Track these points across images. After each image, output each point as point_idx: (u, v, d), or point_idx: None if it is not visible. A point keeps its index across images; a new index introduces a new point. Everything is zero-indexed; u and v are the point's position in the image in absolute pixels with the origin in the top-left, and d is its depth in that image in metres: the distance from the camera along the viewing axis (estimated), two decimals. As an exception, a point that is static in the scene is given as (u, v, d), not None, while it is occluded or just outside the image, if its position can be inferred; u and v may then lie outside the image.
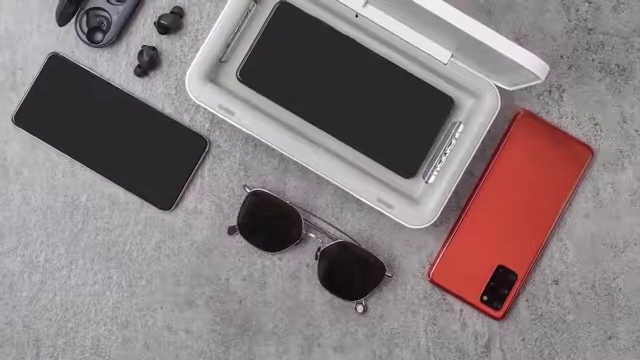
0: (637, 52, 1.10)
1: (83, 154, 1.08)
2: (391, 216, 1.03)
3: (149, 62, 1.08)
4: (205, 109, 1.05)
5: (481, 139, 1.03)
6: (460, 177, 1.03)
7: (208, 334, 1.09)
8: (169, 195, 1.08)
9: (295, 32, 1.04)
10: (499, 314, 1.08)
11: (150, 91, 1.09)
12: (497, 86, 1.03)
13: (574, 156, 1.08)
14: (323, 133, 1.05)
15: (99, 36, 1.09)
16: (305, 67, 1.04)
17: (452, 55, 1.03)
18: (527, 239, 1.07)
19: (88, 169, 1.08)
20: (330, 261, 1.07)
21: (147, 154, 1.08)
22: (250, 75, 1.04)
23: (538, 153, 1.07)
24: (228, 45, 1.04)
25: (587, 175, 1.09)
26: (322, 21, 1.04)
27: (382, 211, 1.03)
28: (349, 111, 1.04)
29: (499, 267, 1.08)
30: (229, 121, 1.02)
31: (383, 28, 1.03)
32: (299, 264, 1.09)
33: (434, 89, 1.05)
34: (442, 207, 1.03)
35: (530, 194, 1.07)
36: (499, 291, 1.08)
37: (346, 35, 1.05)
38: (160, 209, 1.09)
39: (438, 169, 1.04)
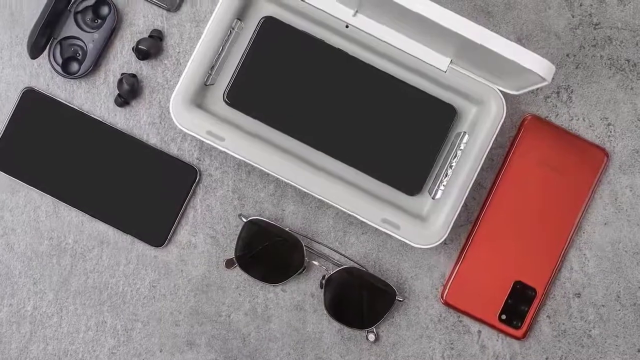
0: (647, 45, 1.11)
1: (66, 193, 1.07)
2: (398, 237, 1.02)
3: (129, 91, 1.06)
4: (192, 136, 1.06)
5: (488, 149, 1.02)
6: (468, 190, 1.02)
7: (212, 375, 1.09)
8: (161, 231, 1.07)
9: (284, 48, 1.03)
10: (519, 332, 1.07)
11: (133, 121, 1.08)
12: (501, 91, 1.03)
13: (588, 160, 1.07)
14: (320, 153, 1.04)
15: (74, 66, 1.08)
16: (296, 85, 1.03)
17: (451, 62, 1.03)
18: (544, 251, 1.07)
19: (73, 208, 1.07)
20: (336, 289, 1.06)
21: (135, 189, 1.07)
22: (238, 97, 1.04)
23: (549, 159, 1.07)
24: (213, 67, 1.03)
25: (603, 180, 1.08)
26: (311, 35, 1.04)
27: (388, 232, 1.02)
28: (345, 128, 1.04)
29: (516, 283, 1.06)
30: (219, 147, 1.01)
31: (376, 38, 1.03)
32: (303, 294, 1.08)
33: (435, 99, 1.04)
34: (452, 223, 1.02)
35: (544, 204, 1.06)
36: (518, 308, 1.07)
37: (338, 48, 1.04)
38: (152, 245, 1.07)
39: (444, 183, 1.03)
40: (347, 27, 1.02)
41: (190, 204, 1.08)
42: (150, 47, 1.06)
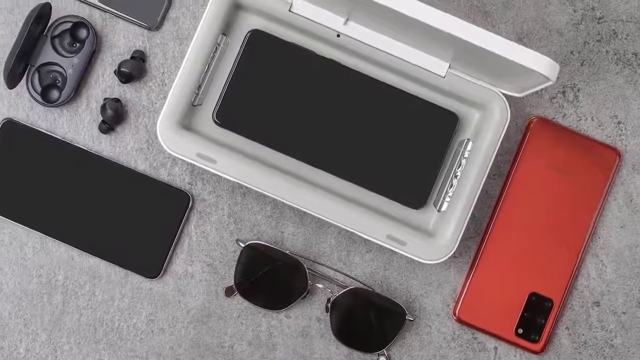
0: (654, 37, 1.10)
1: (54, 228, 1.06)
2: (404, 253, 1.01)
3: (114, 116, 1.06)
4: (182, 160, 1.05)
5: (494, 155, 1.01)
6: (475, 200, 1.01)
7: (217, 410, 1.08)
8: (155, 262, 1.06)
9: (273, 62, 1.03)
10: (537, 346, 1.06)
11: (119, 148, 1.08)
12: (504, 94, 1.02)
13: (600, 161, 1.06)
14: (317, 170, 1.03)
15: (54, 94, 1.07)
16: (288, 100, 1.03)
17: (450, 66, 1.02)
18: (559, 259, 1.06)
19: (61, 243, 1.06)
20: (343, 312, 1.05)
21: (125, 219, 1.06)
22: (228, 116, 1.03)
23: (559, 163, 1.06)
24: (199, 86, 1.02)
25: (616, 181, 1.08)
26: (301, 46, 1.03)
27: (394, 249, 1.01)
28: (342, 143, 1.03)
29: (532, 294, 1.06)
30: (211, 170, 1.00)
31: (369, 46, 1.02)
32: (308, 319, 1.07)
33: (435, 106, 1.03)
34: (460, 236, 1.01)
35: (556, 209, 1.06)
36: (535, 321, 1.06)
37: (330, 59, 1.03)
38: (146, 277, 1.06)
39: (450, 194, 1.02)
40: (338, 36, 1.02)
41: (184, 231, 1.07)
42: (133, 69, 1.06)
